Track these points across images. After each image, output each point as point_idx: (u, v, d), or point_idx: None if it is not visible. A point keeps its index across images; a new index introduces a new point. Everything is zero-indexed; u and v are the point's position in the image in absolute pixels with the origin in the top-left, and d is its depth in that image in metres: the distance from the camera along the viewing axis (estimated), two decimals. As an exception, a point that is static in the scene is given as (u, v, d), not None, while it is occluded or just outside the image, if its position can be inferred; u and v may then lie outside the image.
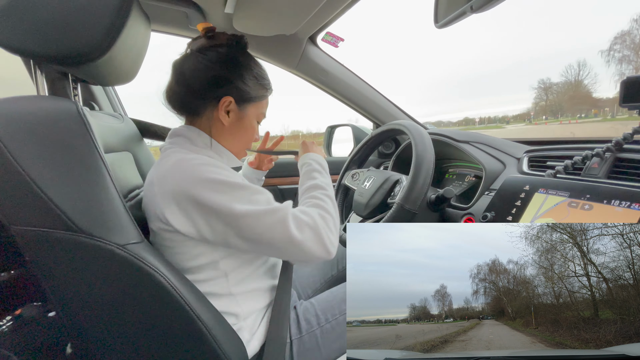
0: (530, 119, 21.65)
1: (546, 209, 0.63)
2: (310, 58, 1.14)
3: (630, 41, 16.61)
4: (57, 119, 0.47)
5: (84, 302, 0.50)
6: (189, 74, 0.61)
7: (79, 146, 0.47)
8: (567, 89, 22.43)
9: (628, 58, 14.30)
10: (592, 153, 0.64)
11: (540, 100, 23.28)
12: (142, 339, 0.53)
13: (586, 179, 0.64)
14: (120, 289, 0.50)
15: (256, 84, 0.64)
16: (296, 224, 0.54)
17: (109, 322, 0.52)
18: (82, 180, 0.47)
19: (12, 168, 0.43)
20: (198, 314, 0.52)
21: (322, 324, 0.66)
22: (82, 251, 0.46)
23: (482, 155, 0.86)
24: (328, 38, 1.06)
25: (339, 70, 1.21)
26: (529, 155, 0.80)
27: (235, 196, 0.53)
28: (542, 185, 0.66)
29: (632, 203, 0.53)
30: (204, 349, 0.53)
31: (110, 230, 0.47)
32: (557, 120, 15.44)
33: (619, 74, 14.80)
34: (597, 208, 0.56)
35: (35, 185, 0.44)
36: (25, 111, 0.46)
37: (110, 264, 0.47)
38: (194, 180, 0.52)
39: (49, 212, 0.44)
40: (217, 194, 0.52)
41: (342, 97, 1.28)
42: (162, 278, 0.49)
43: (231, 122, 0.64)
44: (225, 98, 0.61)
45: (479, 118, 21.31)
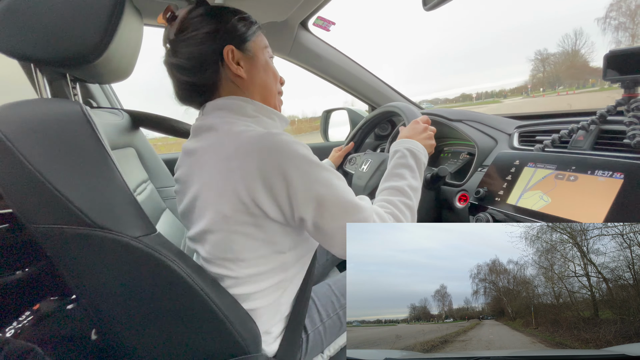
0: (528, 91, 21.43)
1: (535, 182, 0.66)
2: (303, 44, 1.14)
3: (626, 7, 16.21)
4: (64, 121, 0.49)
5: (105, 293, 0.53)
6: (183, 60, 0.56)
7: (88, 146, 0.50)
8: (564, 59, 22.08)
9: (624, 25, 13.97)
10: (577, 126, 0.67)
11: (538, 72, 22.96)
12: (162, 325, 0.57)
13: (572, 151, 0.67)
14: (138, 279, 0.52)
15: (239, 20, 0.58)
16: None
17: (129, 310, 0.55)
18: (93, 177, 0.49)
19: (26, 170, 0.45)
20: (213, 299, 0.55)
21: (324, 320, 0.67)
22: (99, 245, 0.49)
23: (475, 132, 0.88)
24: (319, 22, 1.06)
25: (332, 54, 1.21)
26: (519, 131, 0.83)
27: (326, 179, 0.50)
28: (531, 160, 0.69)
29: (614, 172, 0.56)
30: (221, 333, 0.56)
31: (124, 223, 0.50)
32: (555, 92, 15.27)
33: (616, 42, 14.51)
34: (581, 179, 0.60)
35: (50, 185, 0.46)
36: (34, 115, 0.48)
37: (127, 256, 0.50)
38: (288, 156, 0.48)
39: (65, 209, 0.47)
40: (310, 174, 0.49)
41: (336, 81, 1.29)
42: (176, 266, 0.52)
43: (247, 69, 0.58)
44: (226, 49, 0.56)
45: (475, 93, 21.03)
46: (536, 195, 0.64)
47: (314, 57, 1.18)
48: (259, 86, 0.60)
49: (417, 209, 0.61)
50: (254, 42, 0.60)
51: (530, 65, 22.72)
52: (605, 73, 0.62)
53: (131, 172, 0.71)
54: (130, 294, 0.54)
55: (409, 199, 0.60)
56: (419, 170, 0.64)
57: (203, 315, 0.56)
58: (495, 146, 0.84)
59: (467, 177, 0.84)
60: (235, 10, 0.60)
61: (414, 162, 0.64)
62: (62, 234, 0.48)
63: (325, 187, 0.49)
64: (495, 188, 0.72)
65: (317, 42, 1.17)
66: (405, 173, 0.63)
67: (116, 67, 0.63)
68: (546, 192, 0.63)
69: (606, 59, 0.62)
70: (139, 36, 0.69)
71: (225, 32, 0.56)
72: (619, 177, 0.55)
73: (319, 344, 0.66)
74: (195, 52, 0.55)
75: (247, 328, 0.60)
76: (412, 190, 0.61)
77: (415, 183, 0.62)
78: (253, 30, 0.60)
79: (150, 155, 0.86)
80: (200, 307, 0.55)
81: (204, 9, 0.58)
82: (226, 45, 0.56)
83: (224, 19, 0.57)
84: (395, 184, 0.61)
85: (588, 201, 0.57)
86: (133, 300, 0.54)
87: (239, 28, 0.58)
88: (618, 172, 0.56)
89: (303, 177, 0.48)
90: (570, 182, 0.61)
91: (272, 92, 0.63)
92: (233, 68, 0.57)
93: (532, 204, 0.64)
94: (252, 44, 0.59)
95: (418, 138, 0.69)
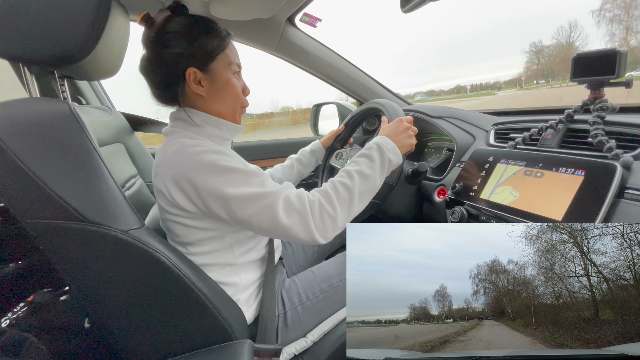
0: (522, 84, 21.49)
1: (506, 178, 0.70)
2: (290, 40, 1.15)
3: (621, 0, 16.23)
4: (53, 120, 0.51)
5: (96, 284, 0.56)
6: (150, 72, 0.64)
7: (76, 143, 0.52)
8: (558, 51, 22.12)
9: (619, 17, 14.02)
10: (546, 125, 0.71)
11: (532, 64, 23.02)
12: (152, 314, 0.60)
13: (541, 149, 0.70)
14: (127, 271, 0.55)
15: (207, 38, 0.62)
16: (285, 209, 0.56)
17: (120, 300, 0.58)
18: (82, 173, 0.52)
19: (17, 167, 0.48)
20: (199, 287, 0.59)
21: (303, 301, 0.72)
22: (89, 238, 0.52)
23: (454, 129, 0.91)
24: (306, 19, 1.07)
25: (320, 50, 1.23)
26: (495, 128, 0.86)
27: (229, 179, 0.56)
28: (503, 156, 0.73)
29: (576, 170, 0.60)
30: (206, 317, 0.60)
31: (113, 218, 0.52)
32: (549, 84, 15.34)
33: (610, 35, 14.61)
34: (547, 175, 0.63)
35: (41, 181, 0.48)
36: (24, 114, 0.50)
37: (116, 249, 0.53)
38: (191, 165, 0.57)
39: (55, 204, 0.49)
40: (211, 177, 0.56)
41: (324, 76, 1.31)
42: (164, 258, 0.55)
43: (207, 89, 0.64)
44: (188, 71, 0.62)
45: (470, 85, 21.07)
46: (506, 190, 0.68)
47: (301, 52, 1.19)
48: (217, 102, 0.66)
49: (362, 194, 0.62)
50: (217, 62, 0.64)
51: (525, 57, 22.74)
52: (573, 74, 0.66)
53: (120, 167, 0.74)
54: (121, 285, 0.57)
55: (350, 181, 0.62)
56: (380, 163, 0.66)
57: (190, 303, 0.59)
58: (473, 142, 0.88)
59: (446, 173, 0.87)
60: (207, 25, 0.64)
61: (377, 155, 0.67)
62: (54, 229, 0.51)
63: (228, 185, 0.56)
64: (471, 183, 0.76)
65: (304, 38, 1.18)
66: (362, 161, 0.66)
67: (104, 64, 0.65)
68: (515, 188, 0.67)
69: (574, 61, 0.65)
70: (126, 33, 0.70)
71: (190, 55, 0.61)
72: (580, 174, 0.59)
73: (298, 324, 0.70)
74: (163, 70, 0.62)
75: (233, 315, 0.63)
76: (360, 176, 0.63)
77: (368, 171, 0.64)
78: (221, 48, 0.64)
79: (139, 151, 0.88)
80: (187, 296, 0.58)
81: (178, 24, 0.62)
82: (189, 68, 0.62)
83: (193, 38, 0.61)
84: (347, 168, 0.65)
85: (552, 196, 0.61)
86: (123, 291, 0.57)
87: (206, 48, 0.62)
88: (580, 169, 0.59)
89: (207, 181, 0.56)
90: (537, 178, 0.65)
91: (230, 106, 0.68)
92: (193, 87, 0.63)
93: (503, 199, 0.68)
94: (215, 64, 0.64)
95: (396, 137, 0.72)
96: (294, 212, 0.57)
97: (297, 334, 0.69)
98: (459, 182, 0.78)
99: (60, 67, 0.59)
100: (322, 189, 0.61)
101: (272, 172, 1.00)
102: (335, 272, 0.77)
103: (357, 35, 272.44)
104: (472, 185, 0.75)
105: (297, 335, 0.69)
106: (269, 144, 1.44)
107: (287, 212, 0.56)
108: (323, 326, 0.71)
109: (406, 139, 0.73)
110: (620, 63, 0.58)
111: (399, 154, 0.70)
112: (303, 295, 0.73)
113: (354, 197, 0.61)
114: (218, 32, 0.64)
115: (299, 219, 0.57)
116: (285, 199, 0.57)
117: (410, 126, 0.75)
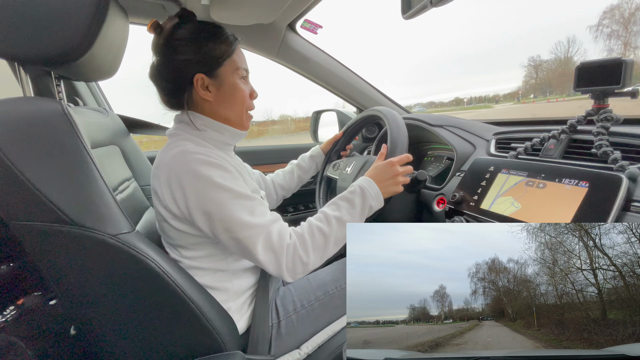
0: (519, 97, 21.70)
1: (507, 188, 0.68)
2: (290, 45, 1.15)
3: (619, 15, 16.49)
4: (44, 119, 0.49)
5: (83, 289, 0.54)
6: (159, 78, 0.65)
7: (67, 144, 0.50)
8: (556, 66, 22.41)
9: (617, 33, 14.23)
10: (549, 135, 0.70)
11: (531, 78, 23.28)
12: (140, 321, 0.58)
13: (543, 159, 0.69)
14: (115, 276, 0.54)
15: (214, 44, 0.64)
16: (263, 246, 0.58)
17: (107, 306, 0.56)
18: (72, 175, 0.50)
19: (6, 167, 0.46)
20: (189, 295, 0.57)
21: (298, 309, 0.71)
22: (77, 242, 0.50)
23: (454, 138, 0.90)
24: (307, 25, 1.07)
25: (320, 57, 1.23)
26: (496, 138, 0.85)
27: (219, 198, 0.57)
28: (504, 166, 0.71)
29: (580, 181, 0.58)
30: (196, 327, 0.58)
31: (102, 221, 0.51)
32: (545, 98, 15.49)
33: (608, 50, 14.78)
34: (550, 186, 0.62)
35: (29, 183, 0.47)
36: (15, 113, 0.49)
37: (103, 253, 0.51)
38: (188, 172, 0.57)
39: (43, 207, 0.48)
40: (201, 190, 0.57)
41: (324, 83, 1.30)
42: (154, 264, 0.54)
43: (214, 95, 0.65)
44: (196, 77, 0.63)
45: (467, 98, 21.31)
46: (508, 200, 0.67)
47: (301, 59, 1.19)
48: (224, 107, 0.67)
49: (338, 240, 0.64)
50: (224, 67, 0.65)
51: (524, 71, 23.01)
52: (577, 84, 0.65)
53: (114, 170, 0.72)
54: (108, 290, 0.55)
55: (328, 227, 0.63)
56: (361, 209, 0.67)
57: (180, 312, 0.57)
58: (474, 151, 0.87)
59: (446, 182, 0.86)
60: (215, 31, 0.65)
61: (359, 201, 0.67)
62: (40, 231, 0.49)
63: (216, 204, 0.57)
64: (471, 193, 0.74)
65: (304, 44, 1.18)
66: (343, 206, 0.66)
67: (101, 65, 0.64)
68: (517, 198, 0.65)
69: (578, 70, 0.64)
70: (124, 35, 0.70)
71: (197, 61, 0.63)
72: (584, 185, 0.57)
73: (293, 334, 0.68)
74: (171, 76, 0.64)
75: (225, 324, 0.61)
76: (338, 222, 0.64)
77: (347, 218, 0.65)
78: (226, 53, 0.65)
79: (135, 153, 0.87)
80: (177, 304, 0.56)
81: (186, 31, 0.63)
82: (197, 74, 0.63)
83: (200, 44, 0.63)
84: (326, 211, 0.66)
85: (555, 208, 0.59)
86: (111, 297, 0.55)
87: (213, 54, 0.63)
88: (584, 180, 0.58)
89: (198, 193, 0.57)
90: (540, 189, 0.63)
91: (236, 111, 0.68)
92: (201, 93, 0.64)
93: (504, 210, 0.66)
94: (222, 69, 0.65)
95: (382, 182, 0.70)
96: (270, 251, 0.59)
97: (291, 345, 0.67)
98: (458, 192, 0.76)
99: (55, 66, 0.58)
100: (300, 233, 0.63)
101: (273, 177, 0.99)
102: (331, 280, 0.75)
103: (358, 45, 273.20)
104: (473, 195, 0.74)
105: (291, 346, 0.67)
106: (269, 150, 1.43)
107: (264, 250, 0.59)
108: (318, 338, 0.69)
109: (392, 186, 0.71)
110: (625, 73, 0.58)
111: (382, 200, 0.70)
112: (298, 304, 0.71)
113: (329, 244, 0.63)
114: (225, 38, 0.65)
115: (272, 258, 0.59)
116: (266, 237, 0.59)
117: (399, 171, 0.72)
